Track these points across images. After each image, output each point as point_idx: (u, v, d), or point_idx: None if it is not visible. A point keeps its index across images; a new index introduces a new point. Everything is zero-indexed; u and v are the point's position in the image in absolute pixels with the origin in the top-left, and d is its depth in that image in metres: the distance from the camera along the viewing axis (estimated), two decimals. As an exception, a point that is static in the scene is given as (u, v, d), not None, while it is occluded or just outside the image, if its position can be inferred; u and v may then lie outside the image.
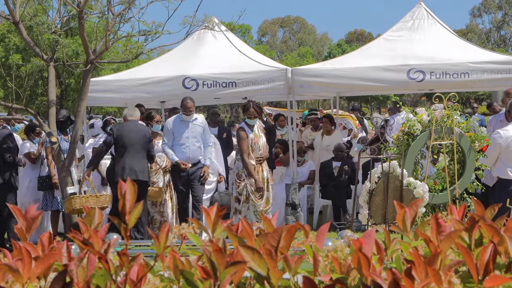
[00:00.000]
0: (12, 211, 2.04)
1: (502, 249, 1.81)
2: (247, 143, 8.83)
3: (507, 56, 11.18)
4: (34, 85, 33.80)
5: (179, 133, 9.22)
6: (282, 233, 1.81)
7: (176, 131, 9.22)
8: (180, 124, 9.26)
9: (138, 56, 9.17)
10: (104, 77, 12.21)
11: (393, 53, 10.79)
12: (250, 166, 8.76)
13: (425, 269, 1.61)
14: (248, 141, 8.83)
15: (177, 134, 9.22)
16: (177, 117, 9.35)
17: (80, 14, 8.31)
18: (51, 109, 9.25)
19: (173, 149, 9.19)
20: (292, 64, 46.44)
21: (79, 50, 31.01)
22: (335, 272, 1.78)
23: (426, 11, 11.50)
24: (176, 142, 9.20)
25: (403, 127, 7.96)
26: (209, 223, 1.94)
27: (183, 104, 9.22)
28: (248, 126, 8.94)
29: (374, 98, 58.73)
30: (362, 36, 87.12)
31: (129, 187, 1.72)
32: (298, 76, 10.63)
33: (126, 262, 1.66)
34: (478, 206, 2.12)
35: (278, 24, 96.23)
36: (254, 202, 8.76)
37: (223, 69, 10.91)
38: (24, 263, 1.67)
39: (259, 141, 8.91)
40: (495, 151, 7.10)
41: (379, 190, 7.12)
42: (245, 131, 8.90)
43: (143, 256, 1.77)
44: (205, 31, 11.10)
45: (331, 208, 11.11)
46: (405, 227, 2.02)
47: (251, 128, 8.95)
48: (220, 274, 1.63)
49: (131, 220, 1.70)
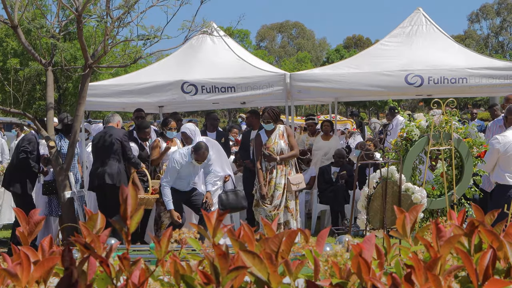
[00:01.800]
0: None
1: (501, 255, 1.82)
2: (259, 149, 8.89)
3: (505, 62, 11.21)
4: (32, 89, 33.81)
5: (185, 173, 9.02)
6: (282, 238, 1.82)
7: (183, 171, 8.96)
8: (188, 166, 8.94)
9: (136, 60, 9.16)
10: (103, 82, 12.22)
11: (391, 59, 10.81)
12: (258, 172, 8.82)
13: (425, 274, 1.62)
14: (260, 146, 8.90)
15: (182, 174, 9.01)
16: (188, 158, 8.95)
17: (78, 18, 8.31)
18: (49, 113, 9.25)
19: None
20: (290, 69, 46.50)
21: (77, 55, 31.02)
22: (335, 277, 1.78)
23: (424, 17, 11.53)
24: (178, 177, 8.99)
25: (402, 132, 7.97)
26: (209, 228, 1.94)
27: (200, 153, 8.77)
28: (265, 131, 9.00)
29: (372, 103, 58.78)
30: (360, 42, 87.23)
31: (131, 192, 1.72)
32: (296, 81, 10.64)
33: (127, 266, 1.67)
34: (477, 211, 2.13)
35: (277, 29, 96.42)
36: (263, 207, 8.80)
37: (221, 74, 10.92)
38: (23, 267, 1.67)
39: (273, 146, 8.88)
40: (493, 156, 7.11)
41: (377, 195, 7.13)
42: (260, 137, 8.96)
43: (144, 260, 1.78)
44: (204, 36, 11.10)
45: (329, 213, 11.11)
46: (405, 232, 2.03)
47: (268, 133, 8.96)
48: (222, 279, 1.63)
49: (132, 225, 1.70)
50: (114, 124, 9.45)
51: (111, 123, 9.47)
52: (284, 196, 8.82)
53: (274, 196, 8.80)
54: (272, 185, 8.83)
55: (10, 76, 26.16)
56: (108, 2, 8.37)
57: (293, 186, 8.82)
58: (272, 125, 8.95)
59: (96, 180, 9.17)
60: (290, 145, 8.98)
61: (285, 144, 8.93)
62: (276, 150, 8.85)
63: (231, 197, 9.62)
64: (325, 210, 11.25)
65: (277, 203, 8.78)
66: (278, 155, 8.84)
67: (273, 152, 8.83)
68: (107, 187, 8.99)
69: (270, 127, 8.95)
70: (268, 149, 8.85)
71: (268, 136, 8.94)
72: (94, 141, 9.46)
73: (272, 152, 8.83)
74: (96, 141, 9.39)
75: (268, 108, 9.18)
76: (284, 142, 8.94)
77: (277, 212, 8.75)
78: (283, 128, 9.10)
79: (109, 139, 9.14)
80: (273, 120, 8.97)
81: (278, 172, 8.85)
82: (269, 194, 8.78)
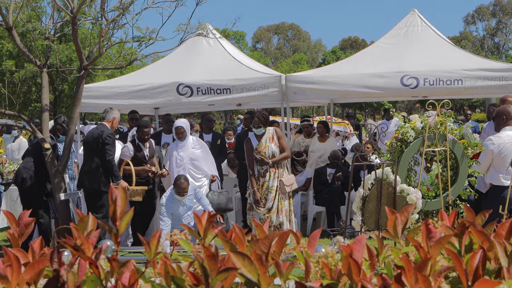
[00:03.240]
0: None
1: (492, 255, 1.82)
2: (250, 154, 8.89)
3: (501, 63, 11.22)
4: (27, 91, 33.73)
5: (176, 212, 9.00)
6: (273, 239, 1.82)
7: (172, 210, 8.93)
8: (174, 203, 8.97)
9: (132, 62, 9.16)
10: (98, 84, 12.20)
11: (386, 60, 10.81)
12: (250, 177, 8.84)
13: (415, 275, 1.62)
14: (251, 151, 8.89)
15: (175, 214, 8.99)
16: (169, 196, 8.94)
17: (73, 20, 8.30)
18: (44, 115, 9.23)
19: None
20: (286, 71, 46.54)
21: (73, 56, 30.96)
22: (325, 278, 1.78)
23: (420, 18, 11.54)
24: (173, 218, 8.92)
25: (397, 133, 7.97)
26: (200, 229, 1.94)
27: (177, 184, 8.84)
28: (255, 135, 8.98)
29: (368, 104, 58.86)
30: (356, 43, 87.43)
31: (120, 193, 1.72)
32: (292, 83, 10.65)
33: (116, 268, 1.66)
34: (469, 212, 2.13)
35: (273, 31, 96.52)
36: (257, 210, 8.80)
37: (217, 75, 10.91)
38: (13, 269, 1.67)
39: (264, 150, 8.86)
40: (487, 158, 7.11)
41: (372, 196, 7.13)
42: (250, 141, 8.96)
43: (134, 262, 1.77)
44: (200, 38, 11.11)
45: (325, 215, 11.11)
46: (396, 233, 2.03)
47: (258, 137, 8.96)
48: (212, 281, 1.63)
49: (122, 226, 1.70)
50: (108, 121, 9.30)
51: (105, 120, 9.34)
52: (276, 198, 8.82)
53: (268, 199, 8.80)
54: (265, 188, 8.83)
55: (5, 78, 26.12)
56: (103, 3, 8.37)
57: (287, 187, 8.82)
58: (262, 129, 8.94)
59: (78, 182, 9.29)
60: (281, 147, 8.97)
61: (276, 146, 8.92)
62: (267, 153, 8.84)
63: (220, 197, 9.68)
64: (321, 211, 11.25)
65: (269, 205, 8.79)
66: (270, 159, 8.83)
67: (264, 156, 8.82)
68: (89, 190, 9.02)
69: (260, 131, 8.94)
70: (259, 153, 8.84)
71: (259, 141, 8.92)
72: (85, 140, 9.42)
73: (263, 156, 8.82)
74: (85, 140, 9.35)
75: (257, 113, 9.17)
76: (275, 145, 8.92)
77: (270, 215, 8.77)
78: (272, 131, 9.05)
79: (92, 138, 9.08)
80: (263, 125, 8.96)
81: (271, 175, 8.85)
82: (262, 198, 8.79)
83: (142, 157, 9.66)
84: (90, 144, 9.06)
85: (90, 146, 9.06)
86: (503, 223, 1.94)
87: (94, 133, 9.14)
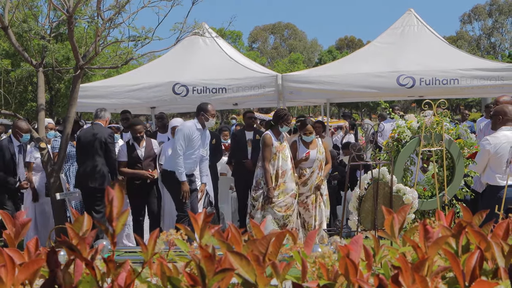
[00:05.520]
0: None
1: (489, 255, 1.82)
2: (270, 151, 8.52)
3: (497, 63, 11.25)
4: (23, 90, 33.65)
5: (196, 145, 8.64)
6: (270, 239, 1.81)
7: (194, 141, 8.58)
8: (198, 135, 8.65)
9: (128, 62, 9.13)
10: (94, 83, 12.20)
11: (383, 60, 10.83)
12: (266, 175, 8.44)
13: (412, 275, 1.61)
14: (272, 148, 8.51)
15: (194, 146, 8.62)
16: (193, 125, 8.62)
17: (69, 19, 8.27)
18: (40, 115, 9.19)
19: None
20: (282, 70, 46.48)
21: (69, 56, 30.90)
22: (322, 278, 1.78)
23: (416, 18, 11.56)
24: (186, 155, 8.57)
25: (393, 133, 7.97)
26: (196, 229, 1.93)
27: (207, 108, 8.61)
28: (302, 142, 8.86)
29: (364, 104, 58.89)
30: (352, 43, 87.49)
31: (117, 193, 1.71)
32: (288, 82, 10.65)
33: (112, 268, 1.65)
34: (466, 212, 2.12)
35: (269, 31, 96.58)
36: (271, 209, 8.46)
37: (213, 75, 10.91)
38: (7, 269, 1.65)
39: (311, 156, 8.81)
40: (484, 157, 7.11)
41: (368, 196, 7.13)
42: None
43: (131, 262, 1.76)
44: (196, 37, 11.09)
45: (322, 214, 11.09)
46: (393, 233, 2.03)
47: (306, 144, 8.84)
48: (208, 282, 1.62)
49: (118, 227, 1.69)
50: (102, 120, 9.19)
51: (99, 120, 9.19)
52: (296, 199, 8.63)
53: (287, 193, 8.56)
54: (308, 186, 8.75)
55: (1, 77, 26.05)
56: (99, 3, 8.35)
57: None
58: (312, 136, 8.85)
59: (78, 183, 9.14)
60: (326, 158, 8.90)
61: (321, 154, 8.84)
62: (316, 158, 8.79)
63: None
64: (317, 211, 11.22)
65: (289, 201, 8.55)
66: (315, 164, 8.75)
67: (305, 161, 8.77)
68: (90, 190, 8.89)
69: (310, 139, 8.83)
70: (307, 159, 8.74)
71: (307, 148, 8.81)
72: (79, 139, 9.16)
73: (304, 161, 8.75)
74: (81, 139, 9.10)
75: (308, 120, 9.08)
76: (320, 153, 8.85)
77: (290, 214, 8.55)
78: (321, 143, 8.96)
79: (93, 138, 8.92)
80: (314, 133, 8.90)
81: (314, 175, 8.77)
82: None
83: (136, 157, 9.37)
84: (89, 144, 8.95)
85: (89, 146, 8.95)
86: (500, 224, 1.94)
87: (94, 132, 9.02)
